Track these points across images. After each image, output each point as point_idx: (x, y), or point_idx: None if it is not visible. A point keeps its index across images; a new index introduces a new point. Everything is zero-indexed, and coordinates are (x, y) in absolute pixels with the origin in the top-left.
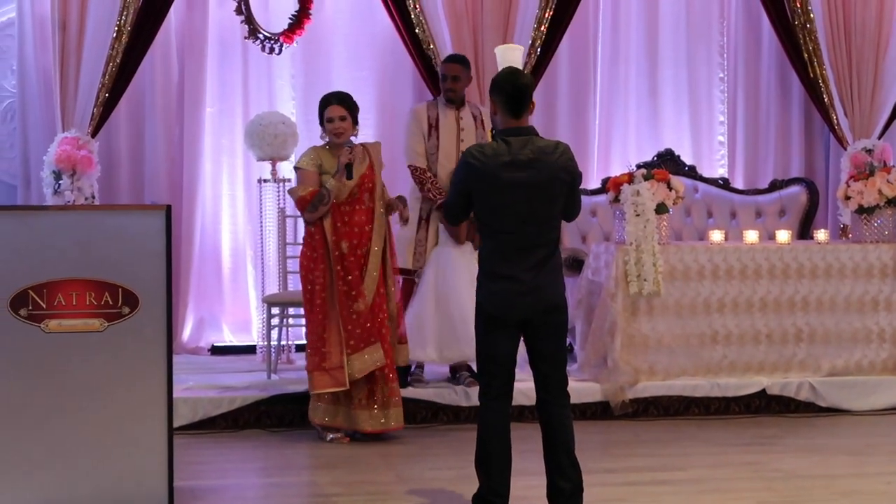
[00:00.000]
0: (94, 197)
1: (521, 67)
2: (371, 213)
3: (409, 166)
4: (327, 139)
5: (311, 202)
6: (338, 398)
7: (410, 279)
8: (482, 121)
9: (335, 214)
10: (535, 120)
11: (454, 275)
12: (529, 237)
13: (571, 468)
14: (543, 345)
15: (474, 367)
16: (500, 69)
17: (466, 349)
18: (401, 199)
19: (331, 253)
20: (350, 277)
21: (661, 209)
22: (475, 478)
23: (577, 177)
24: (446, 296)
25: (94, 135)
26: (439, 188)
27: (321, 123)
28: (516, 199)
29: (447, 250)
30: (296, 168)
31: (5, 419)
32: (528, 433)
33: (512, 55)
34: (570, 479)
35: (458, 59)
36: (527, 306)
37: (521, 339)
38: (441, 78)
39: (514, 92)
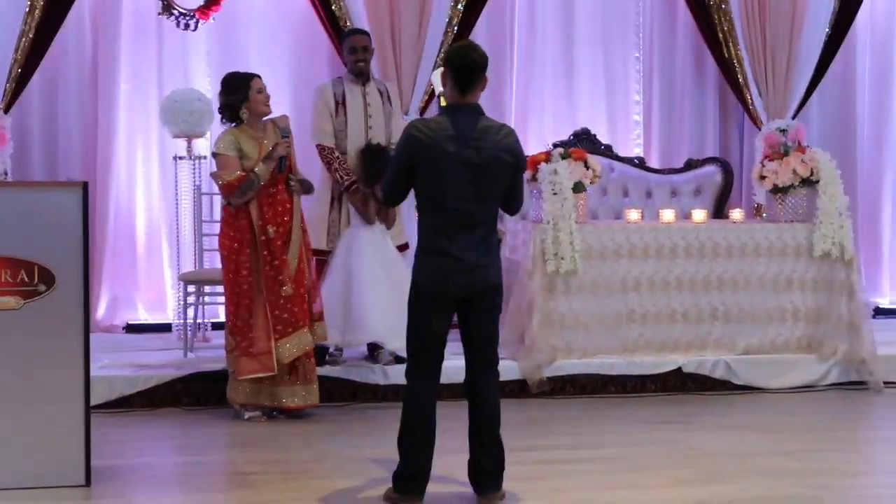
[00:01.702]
0: (6, 174)
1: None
2: (291, 193)
3: (317, 146)
4: (241, 120)
5: (238, 187)
6: (260, 377)
7: (324, 260)
8: (388, 97)
9: (261, 198)
10: None
11: (360, 258)
12: (472, 215)
13: (495, 447)
14: (478, 324)
15: (386, 349)
16: (437, 93)
17: (367, 334)
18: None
19: (257, 238)
20: (276, 262)
21: (578, 188)
22: (395, 456)
23: (521, 161)
24: (352, 278)
25: (6, 110)
26: (347, 169)
27: (241, 100)
28: (460, 176)
29: (358, 232)
30: (215, 154)
31: None
32: (447, 412)
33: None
34: (493, 458)
35: (364, 32)
36: (467, 285)
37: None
38: (349, 50)
39: (462, 68)
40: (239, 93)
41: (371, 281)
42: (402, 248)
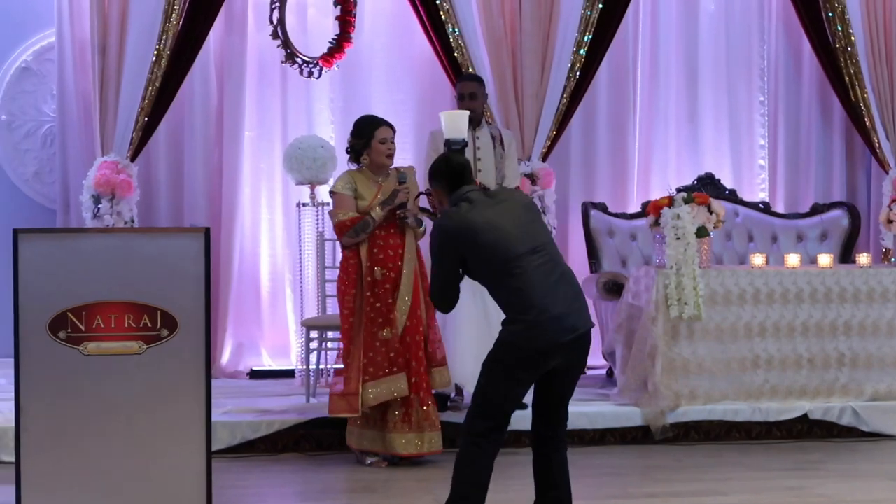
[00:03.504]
0: (133, 221)
1: (465, 133)
2: (403, 238)
3: (425, 190)
4: (361, 164)
5: (352, 228)
6: (374, 422)
7: None
8: (501, 141)
9: (372, 240)
10: (575, 143)
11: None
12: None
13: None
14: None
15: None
16: (444, 133)
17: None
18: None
19: (363, 279)
20: (378, 304)
21: (701, 232)
22: (517, 500)
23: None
24: (447, 319)
25: (133, 159)
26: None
27: (363, 146)
28: (505, 228)
29: None
30: (332, 192)
31: (44, 441)
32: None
33: (458, 121)
34: None
35: (473, 77)
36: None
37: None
38: (458, 97)
39: (451, 171)
40: (363, 138)
41: (466, 324)
42: None
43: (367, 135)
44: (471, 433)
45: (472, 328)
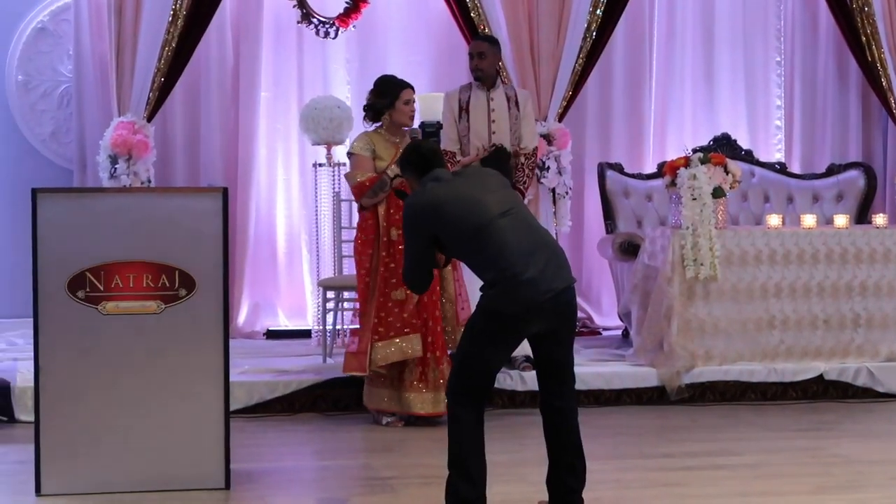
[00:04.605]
0: (150, 181)
1: (439, 115)
2: None
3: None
4: (381, 123)
5: (370, 188)
6: (391, 382)
7: None
8: (517, 101)
9: (390, 200)
10: (591, 103)
11: None
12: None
13: (583, 467)
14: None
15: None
16: (420, 117)
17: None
18: None
19: (380, 238)
20: (393, 265)
21: (717, 193)
22: (532, 462)
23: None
24: None
25: (149, 119)
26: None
27: (387, 106)
28: (473, 195)
29: None
30: (349, 154)
31: (63, 400)
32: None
33: (433, 104)
34: (580, 479)
35: (485, 38)
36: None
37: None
38: (469, 56)
39: (420, 158)
40: (386, 98)
41: None
42: None
43: (392, 95)
44: (455, 395)
45: None
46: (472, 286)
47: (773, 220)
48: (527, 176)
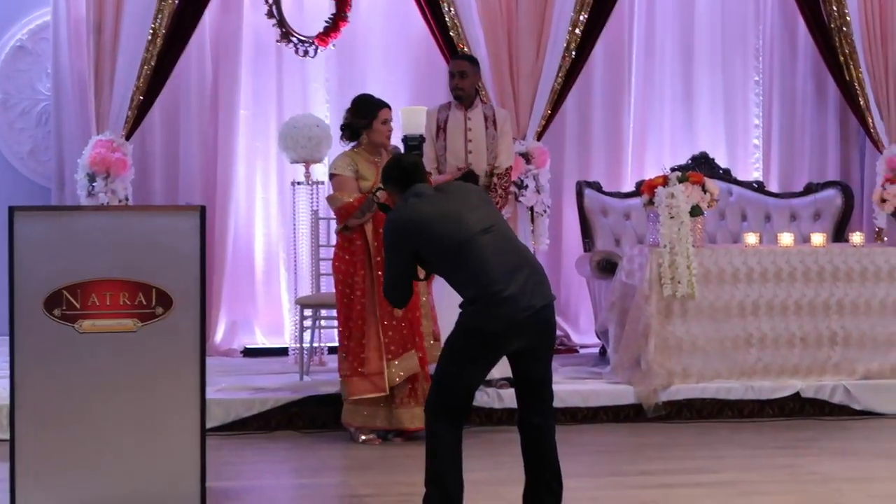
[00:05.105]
0: (127, 199)
1: (422, 129)
2: None
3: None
4: (360, 143)
5: (359, 209)
6: (378, 399)
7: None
8: (494, 121)
9: (377, 220)
10: (570, 122)
11: None
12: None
13: (559, 486)
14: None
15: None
16: (403, 130)
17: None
18: None
19: (372, 259)
20: None
21: (695, 212)
22: (509, 480)
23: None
24: None
25: (128, 137)
26: None
27: (364, 126)
28: (454, 211)
29: None
30: (332, 175)
31: (38, 419)
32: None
33: (416, 117)
34: (557, 497)
35: (465, 57)
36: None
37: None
38: (449, 75)
39: (402, 171)
40: (364, 118)
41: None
42: None
43: (370, 115)
44: (434, 413)
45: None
46: (443, 302)
47: (751, 238)
48: (500, 196)
